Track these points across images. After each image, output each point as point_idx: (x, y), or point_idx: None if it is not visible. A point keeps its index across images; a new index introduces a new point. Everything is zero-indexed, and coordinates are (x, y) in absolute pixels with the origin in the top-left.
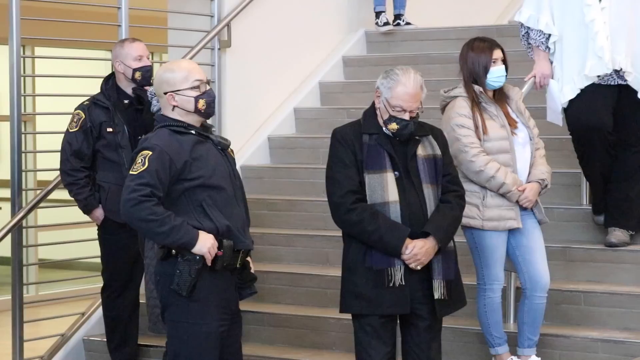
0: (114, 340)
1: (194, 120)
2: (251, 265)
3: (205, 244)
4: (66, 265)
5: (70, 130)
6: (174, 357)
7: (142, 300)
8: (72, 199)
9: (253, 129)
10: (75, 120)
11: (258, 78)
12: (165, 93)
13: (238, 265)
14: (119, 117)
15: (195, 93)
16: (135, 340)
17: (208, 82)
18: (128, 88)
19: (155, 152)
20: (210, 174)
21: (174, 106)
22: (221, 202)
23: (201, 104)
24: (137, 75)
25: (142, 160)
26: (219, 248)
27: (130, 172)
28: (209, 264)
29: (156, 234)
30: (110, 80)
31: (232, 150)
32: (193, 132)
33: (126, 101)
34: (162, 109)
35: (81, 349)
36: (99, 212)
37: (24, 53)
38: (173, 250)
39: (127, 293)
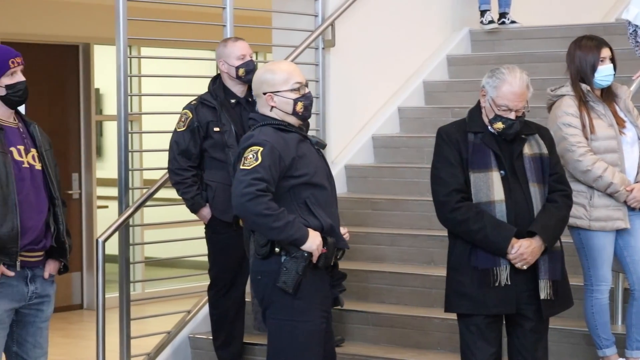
0: (220, 338)
1: (291, 121)
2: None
3: (315, 241)
4: (172, 264)
5: (178, 130)
6: (276, 355)
7: (248, 298)
8: (178, 197)
9: (357, 128)
10: (182, 119)
11: (362, 77)
12: (265, 93)
13: (332, 263)
14: (225, 116)
15: (294, 95)
16: (240, 339)
17: (306, 84)
18: (234, 87)
19: (267, 148)
20: (314, 172)
21: (272, 107)
22: (323, 201)
23: (299, 106)
24: (241, 72)
25: (254, 155)
26: (323, 246)
27: (242, 167)
28: (315, 261)
29: (271, 229)
30: (217, 80)
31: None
32: (294, 130)
33: (233, 100)
34: (259, 108)
35: (187, 347)
36: (206, 211)
37: (130, 53)
38: (277, 248)
39: (233, 291)
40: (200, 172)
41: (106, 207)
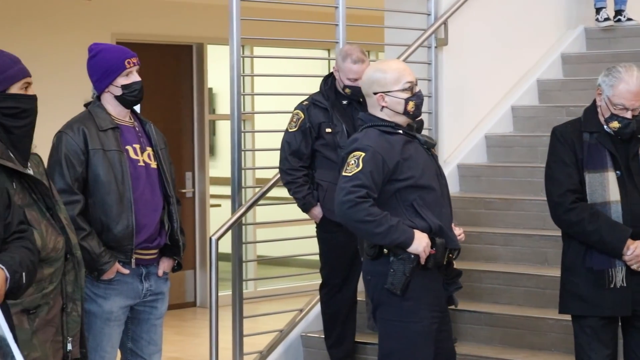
0: (332, 337)
1: (401, 121)
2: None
3: (421, 243)
4: (284, 262)
5: (290, 130)
6: (387, 355)
7: (360, 297)
8: (290, 196)
9: (470, 128)
10: (294, 120)
11: (474, 76)
12: (375, 93)
13: (444, 263)
14: (337, 117)
15: (405, 95)
16: (352, 338)
17: (416, 83)
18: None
19: (369, 153)
20: (420, 174)
21: (383, 106)
22: (431, 202)
23: (410, 105)
24: (347, 90)
25: (355, 161)
26: (431, 247)
27: (344, 174)
28: (423, 262)
29: (373, 235)
30: (329, 80)
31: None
32: (401, 131)
33: (344, 102)
34: (369, 108)
35: (299, 345)
36: (318, 210)
37: (243, 53)
38: (385, 250)
39: (345, 290)
40: (312, 171)
41: (219, 205)
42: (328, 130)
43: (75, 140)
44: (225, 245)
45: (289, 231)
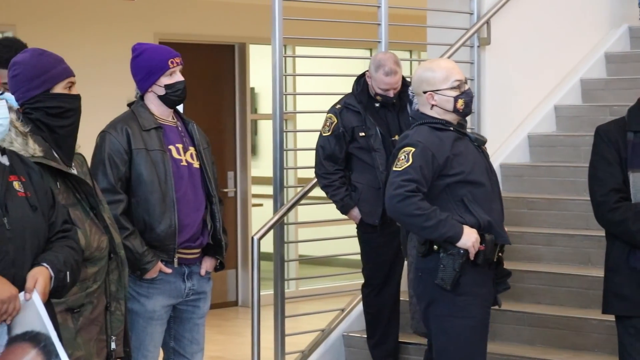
0: (374, 337)
1: (451, 118)
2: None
3: (470, 238)
4: (326, 262)
5: (324, 135)
6: (442, 351)
7: (402, 297)
8: None
9: (512, 127)
10: (327, 124)
11: (517, 75)
12: (425, 92)
13: (494, 260)
14: (370, 120)
15: (454, 93)
16: (395, 337)
17: (466, 81)
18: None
19: (419, 149)
20: (470, 170)
21: (433, 105)
22: (481, 198)
23: (460, 103)
24: (378, 97)
25: (405, 156)
26: (480, 242)
27: (394, 169)
28: (472, 258)
29: (423, 229)
30: (362, 81)
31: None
32: (451, 128)
33: (377, 104)
34: (419, 107)
35: (341, 345)
36: (356, 211)
37: (285, 52)
38: (435, 246)
39: (387, 290)
40: (349, 172)
41: (261, 205)
42: (361, 134)
43: (118, 140)
44: (267, 245)
45: (330, 231)
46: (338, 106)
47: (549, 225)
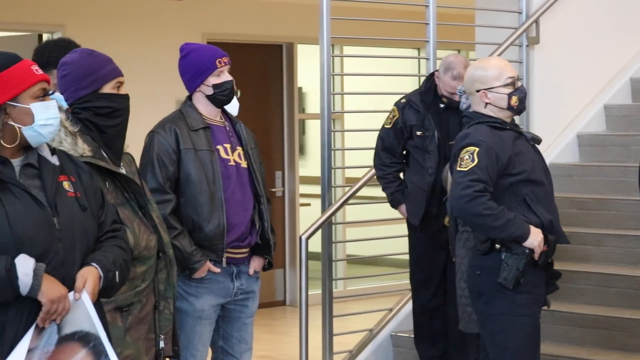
0: (422, 337)
1: (505, 116)
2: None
3: (537, 238)
4: (374, 261)
5: (385, 126)
6: (502, 350)
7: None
8: (380, 195)
9: (561, 126)
10: (390, 116)
11: (567, 74)
12: (478, 91)
13: (550, 260)
14: (430, 121)
15: (508, 90)
16: (443, 337)
17: (518, 78)
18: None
19: (482, 148)
20: (532, 169)
21: (487, 103)
22: (542, 197)
23: (514, 100)
24: (444, 99)
25: (469, 156)
26: (544, 243)
27: (459, 169)
28: (537, 257)
29: (491, 228)
30: (430, 80)
31: None
32: (508, 127)
33: (442, 105)
34: (473, 106)
35: (389, 345)
36: (404, 208)
37: (333, 52)
38: (497, 245)
39: (431, 290)
40: (407, 167)
41: (309, 204)
42: (418, 133)
43: (167, 140)
44: (315, 244)
45: (378, 230)
46: (403, 100)
47: (598, 226)
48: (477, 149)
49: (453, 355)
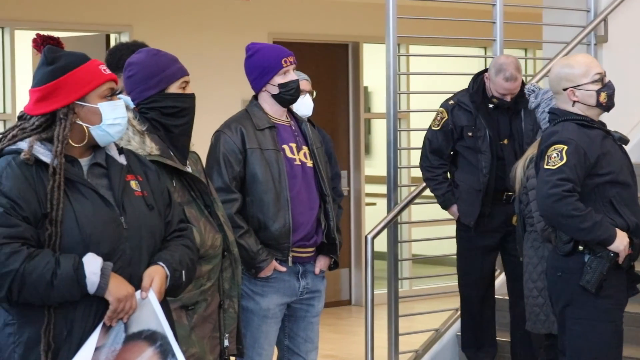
0: (470, 338)
1: (594, 114)
2: None
3: (623, 242)
4: (439, 261)
5: (432, 128)
6: (579, 353)
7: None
8: None
9: (631, 126)
10: (438, 118)
11: (635, 73)
12: (565, 89)
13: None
14: (481, 121)
15: (596, 87)
16: (492, 338)
17: (605, 74)
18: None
19: (571, 146)
20: (619, 170)
21: (575, 101)
22: (628, 199)
23: (603, 97)
24: (494, 100)
25: (558, 154)
26: (629, 246)
27: (546, 167)
28: (621, 261)
29: (578, 230)
30: (479, 79)
31: None
32: (596, 126)
33: (491, 105)
34: (559, 105)
35: (455, 345)
36: (456, 208)
37: (399, 51)
38: (580, 247)
39: (489, 291)
40: (454, 168)
41: (374, 204)
42: (470, 133)
43: (233, 140)
44: (381, 244)
45: (444, 230)
46: (451, 102)
47: None
48: (566, 147)
49: (518, 355)
